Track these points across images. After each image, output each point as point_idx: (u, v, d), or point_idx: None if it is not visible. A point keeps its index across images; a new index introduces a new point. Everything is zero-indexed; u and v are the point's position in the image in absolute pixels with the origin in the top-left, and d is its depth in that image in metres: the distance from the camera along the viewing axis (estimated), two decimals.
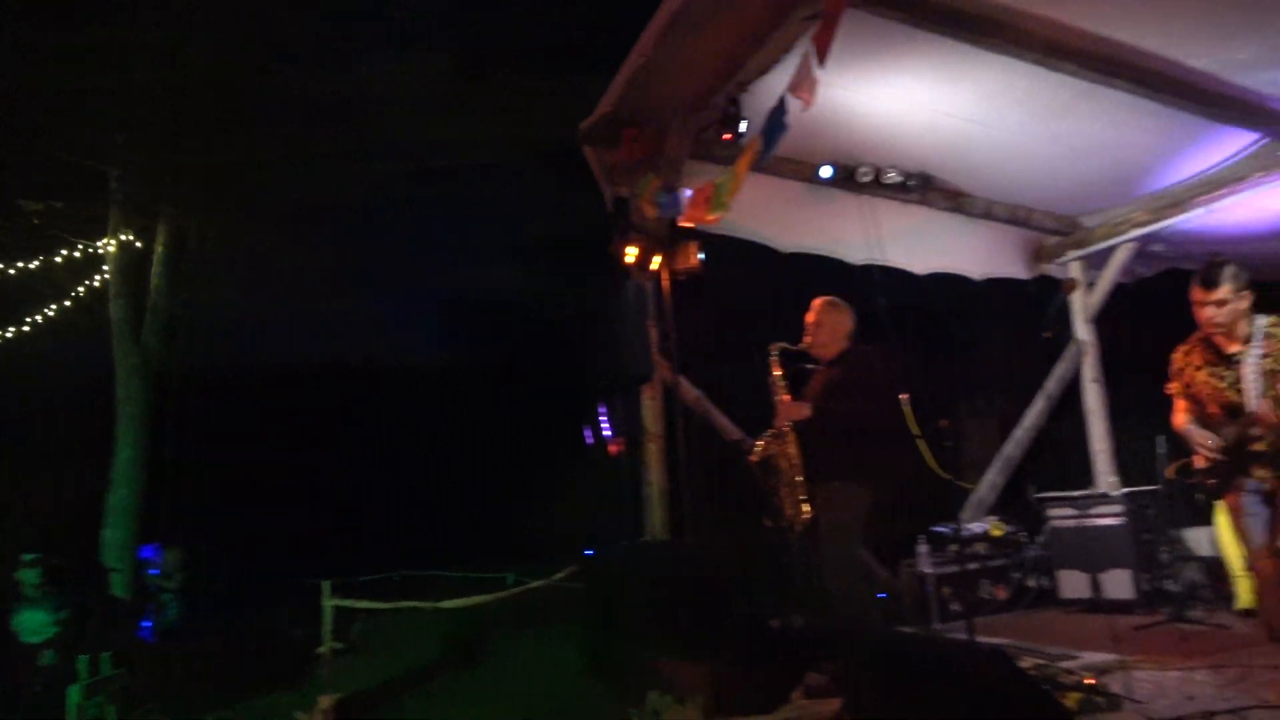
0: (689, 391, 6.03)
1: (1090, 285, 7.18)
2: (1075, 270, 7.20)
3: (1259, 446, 3.50)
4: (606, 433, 5.77)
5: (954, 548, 6.26)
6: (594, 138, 5.70)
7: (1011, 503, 7.63)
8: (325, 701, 4.49)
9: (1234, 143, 5.61)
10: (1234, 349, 3.56)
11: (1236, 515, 3.66)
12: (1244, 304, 3.50)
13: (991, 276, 7.15)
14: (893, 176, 6.16)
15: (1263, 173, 5.62)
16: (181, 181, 8.78)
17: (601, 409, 5.76)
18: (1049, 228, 7.07)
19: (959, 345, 8.00)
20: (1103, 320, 7.24)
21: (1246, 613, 5.10)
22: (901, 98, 5.39)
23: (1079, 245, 7.01)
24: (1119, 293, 7.14)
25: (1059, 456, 9.21)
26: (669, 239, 5.66)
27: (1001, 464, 7.13)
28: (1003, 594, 6.36)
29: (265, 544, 8.65)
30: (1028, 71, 4.91)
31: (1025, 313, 7.51)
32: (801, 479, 4.11)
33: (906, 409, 6.10)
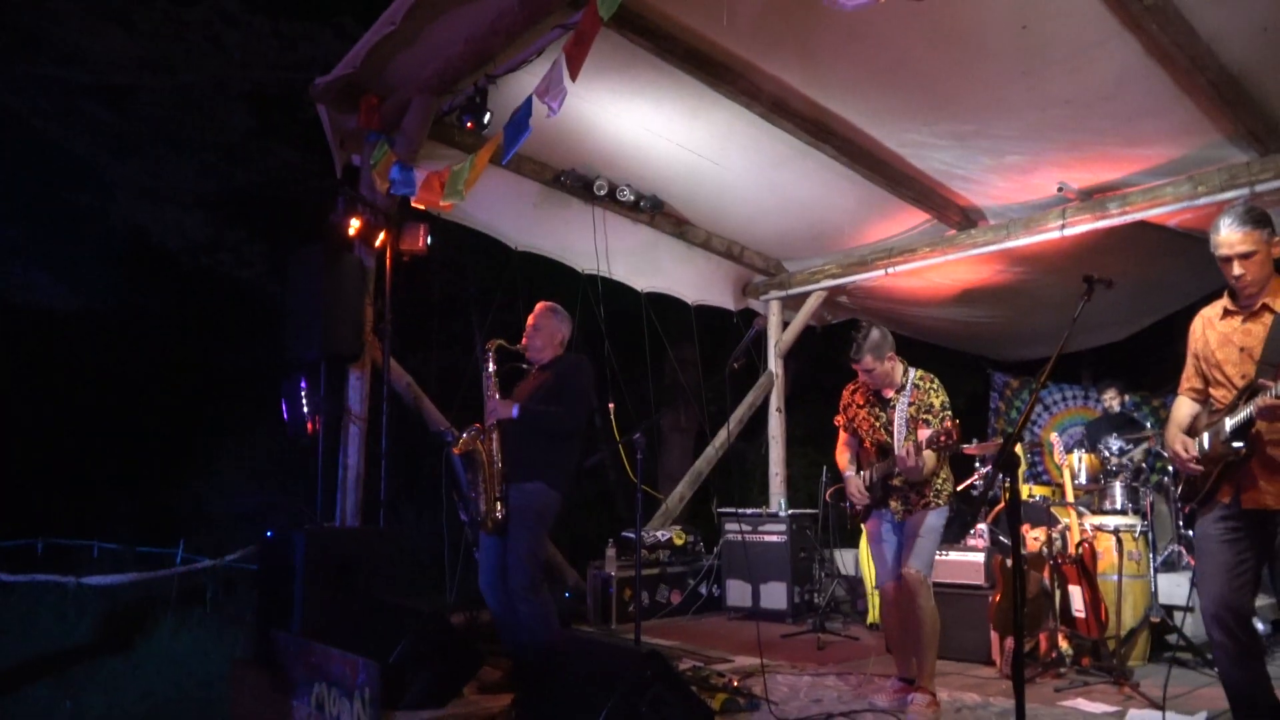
0: (400, 376, 5.86)
1: (785, 325, 7.91)
2: (774, 309, 7.90)
3: (896, 482, 4.04)
4: (305, 409, 5.44)
5: (639, 553, 6.61)
6: (330, 98, 5.38)
7: (696, 515, 8.21)
8: None
9: (911, 219, 6.46)
10: (889, 395, 4.09)
11: (873, 540, 4.19)
12: (889, 365, 4.03)
13: (703, 303, 7.65)
14: (626, 194, 6.41)
15: (929, 249, 6.53)
16: None
17: (302, 384, 5.42)
18: (758, 266, 7.70)
19: (670, 363, 8.47)
20: (791, 357, 8.00)
21: (874, 626, 5.86)
22: (643, 122, 5.63)
23: (780, 287, 7.71)
24: (808, 334, 7.93)
25: (744, 475, 10.05)
26: (398, 217, 5.49)
27: (691, 477, 7.63)
28: (677, 599, 6.80)
29: None
30: (755, 122, 5.34)
31: (730, 341, 8.14)
32: (500, 478, 4.14)
33: (611, 418, 6.37)
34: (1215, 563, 3.02)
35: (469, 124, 5.09)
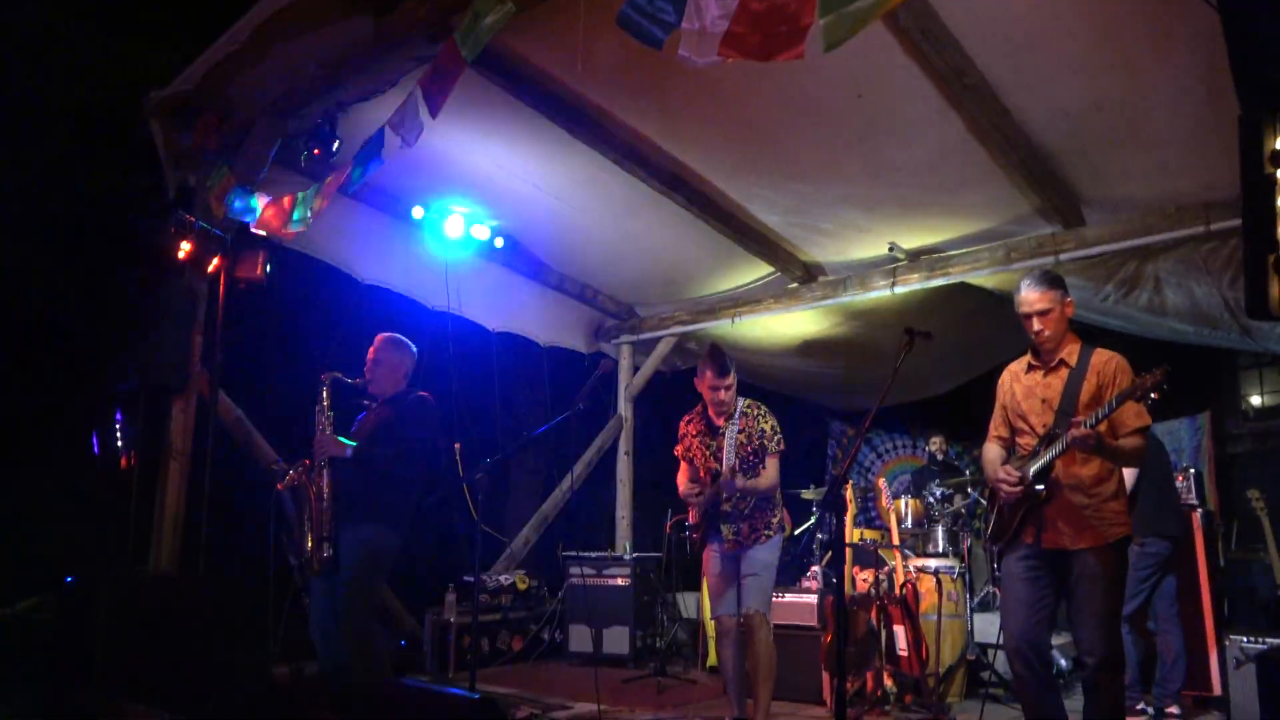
0: (229, 410, 5.53)
1: (636, 369, 8.01)
2: (625, 354, 7.99)
3: (726, 507, 4.15)
4: (119, 443, 5.03)
5: (481, 598, 6.45)
6: (165, 114, 5.09)
7: (542, 559, 8.09)
8: None
9: (757, 271, 6.71)
10: (721, 424, 4.21)
11: (709, 572, 4.25)
12: (736, 385, 4.18)
13: (556, 345, 7.64)
14: (480, 233, 6.34)
15: (773, 300, 6.80)
16: None
17: (118, 416, 5.02)
18: (610, 310, 7.78)
19: (519, 404, 8.38)
20: (641, 401, 8.10)
21: (713, 669, 5.93)
22: (498, 161, 5.63)
23: (632, 331, 7.82)
24: (657, 379, 8.06)
25: (591, 518, 10.01)
26: (235, 243, 5.21)
27: (537, 520, 7.54)
28: (518, 644, 6.67)
29: None
30: (610, 169, 5.43)
31: (581, 383, 8.15)
32: (328, 517, 3.95)
33: (457, 458, 6.21)
34: (1017, 599, 3.24)
35: (316, 150, 4.94)
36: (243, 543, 5.51)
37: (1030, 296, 3.32)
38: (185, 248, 4.87)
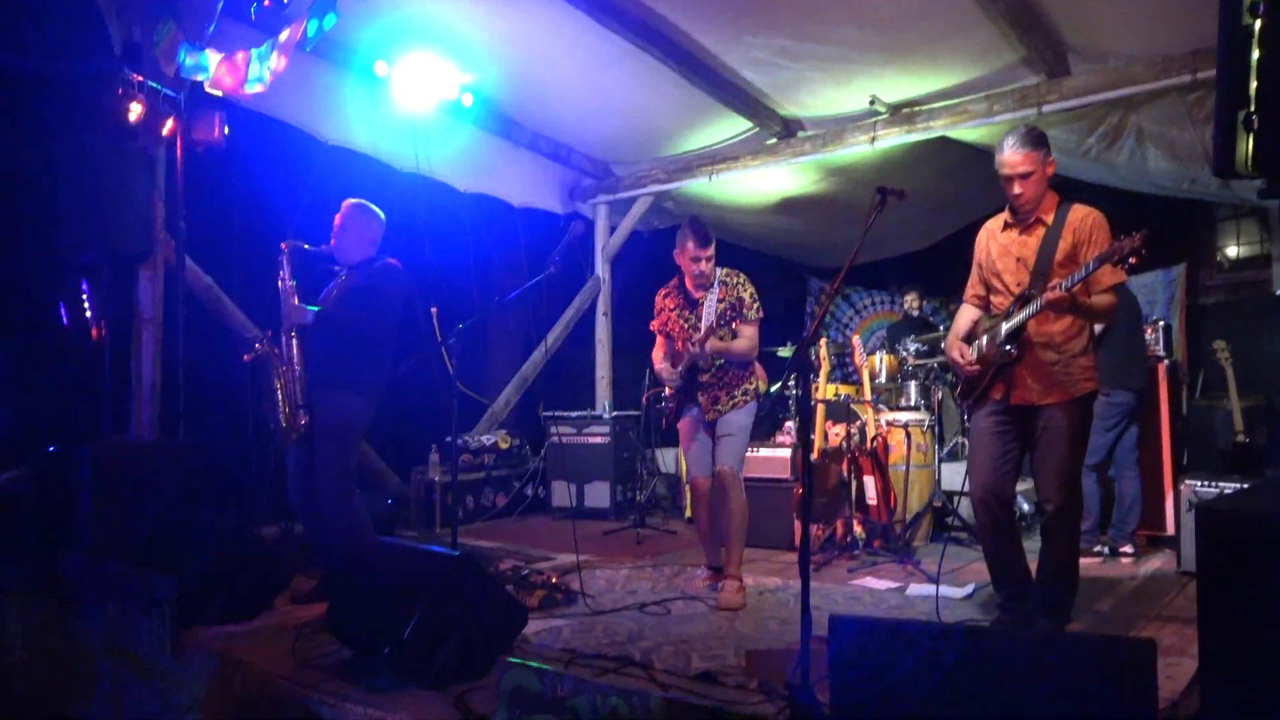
0: (198, 277, 5.44)
1: (613, 229, 7.90)
2: (602, 214, 7.86)
3: (705, 378, 4.19)
4: (87, 313, 4.97)
5: (464, 458, 6.61)
6: None
7: (524, 418, 8.23)
8: None
9: (735, 127, 6.52)
10: (698, 296, 4.20)
11: (685, 438, 4.34)
12: (714, 255, 4.15)
13: (529, 206, 7.49)
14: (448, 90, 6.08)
15: (750, 157, 6.65)
16: None
17: (83, 286, 4.94)
18: (585, 169, 7.59)
19: (494, 266, 8.30)
20: (619, 262, 8.04)
21: (691, 520, 6.15)
22: (463, 11, 5.32)
23: (608, 191, 7.66)
24: (635, 239, 7.97)
25: (572, 378, 10.14)
26: (189, 103, 4.98)
27: (518, 382, 7.62)
28: (502, 501, 6.88)
29: None
30: (581, 20, 5.16)
31: (557, 245, 8.03)
32: (301, 385, 3.97)
33: (435, 322, 6.21)
34: (985, 453, 3.34)
35: (266, 1, 4.65)
36: (223, 409, 5.55)
37: (1013, 159, 3.22)
38: (136, 109, 4.64)
